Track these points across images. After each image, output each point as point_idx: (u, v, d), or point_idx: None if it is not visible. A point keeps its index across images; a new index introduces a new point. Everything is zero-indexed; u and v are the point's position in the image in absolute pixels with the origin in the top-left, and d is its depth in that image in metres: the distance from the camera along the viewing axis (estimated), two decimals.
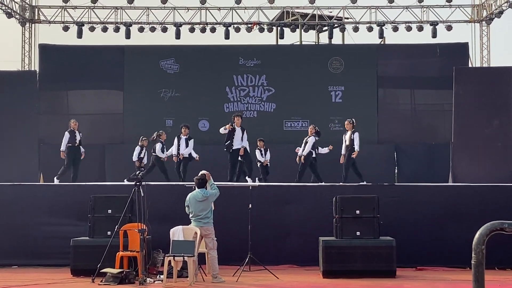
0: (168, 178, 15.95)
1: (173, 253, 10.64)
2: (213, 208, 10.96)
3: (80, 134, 16.31)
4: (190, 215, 10.87)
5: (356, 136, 15.40)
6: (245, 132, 15.25)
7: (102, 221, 11.99)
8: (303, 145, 15.96)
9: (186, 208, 10.94)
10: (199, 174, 11.11)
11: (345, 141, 15.65)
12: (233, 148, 15.10)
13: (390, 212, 12.35)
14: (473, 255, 4.01)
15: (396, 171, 20.88)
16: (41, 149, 19.49)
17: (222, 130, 15.27)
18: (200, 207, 10.76)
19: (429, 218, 12.84)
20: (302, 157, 15.68)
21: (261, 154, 16.79)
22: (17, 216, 13.18)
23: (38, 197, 13.48)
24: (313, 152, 15.95)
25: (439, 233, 12.77)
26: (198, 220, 10.78)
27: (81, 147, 16.30)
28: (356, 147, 15.27)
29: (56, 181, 15.66)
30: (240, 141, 15.12)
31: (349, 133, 15.64)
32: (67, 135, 16.12)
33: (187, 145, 15.91)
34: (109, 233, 11.38)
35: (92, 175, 18.98)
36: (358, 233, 11.80)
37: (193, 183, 11.16)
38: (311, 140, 15.84)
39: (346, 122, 15.91)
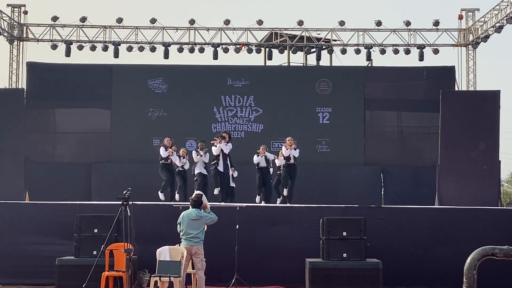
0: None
1: (159, 274, 10.59)
2: (205, 229, 10.87)
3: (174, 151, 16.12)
4: (181, 234, 10.76)
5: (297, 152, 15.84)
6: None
7: (88, 240, 11.93)
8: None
9: (178, 226, 10.84)
10: (194, 195, 11.05)
11: (290, 158, 15.75)
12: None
13: (376, 234, 12.38)
14: (464, 279, 4.01)
15: (382, 193, 20.93)
16: (27, 167, 19.39)
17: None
18: (192, 226, 10.64)
19: (415, 240, 12.87)
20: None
21: None
22: (2, 235, 13.08)
23: (23, 215, 13.38)
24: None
25: (425, 255, 12.79)
26: (189, 239, 10.64)
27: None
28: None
29: (160, 195, 15.70)
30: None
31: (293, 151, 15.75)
32: (162, 149, 16.05)
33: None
34: (95, 252, 11.31)
35: (78, 194, 18.91)
36: (344, 255, 11.80)
37: (181, 203, 11.13)
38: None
39: (289, 139, 15.91)
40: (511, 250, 4.02)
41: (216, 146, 15.61)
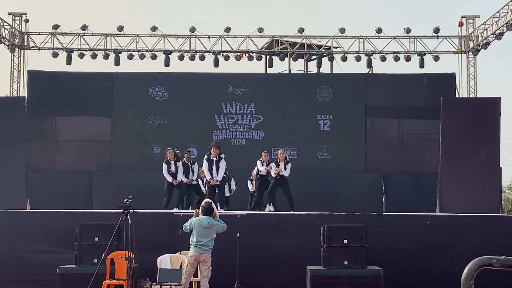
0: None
1: (160, 282, 10.59)
2: (214, 237, 10.79)
3: (178, 163, 15.82)
4: (190, 240, 10.65)
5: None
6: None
7: (89, 248, 11.94)
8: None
9: (184, 227, 10.70)
10: (205, 202, 10.95)
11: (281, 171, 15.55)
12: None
13: (377, 241, 12.37)
14: None
15: (383, 200, 20.91)
16: (28, 175, 19.39)
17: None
18: (203, 234, 10.55)
19: (416, 248, 12.86)
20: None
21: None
22: (3, 243, 13.08)
23: (24, 224, 13.39)
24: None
25: (427, 262, 12.78)
26: (199, 247, 10.54)
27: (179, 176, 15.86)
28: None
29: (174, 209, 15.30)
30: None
31: (282, 164, 15.58)
32: (164, 165, 15.86)
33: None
34: (95, 261, 11.31)
35: (79, 202, 18.92)
36: (345, 262, 11.80)
37: (182, 211, 11.10)
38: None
39: (281, 152, 15.86)
40: (508, 260, 4.03)
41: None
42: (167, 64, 21.33)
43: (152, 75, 21.23)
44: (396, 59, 21.38)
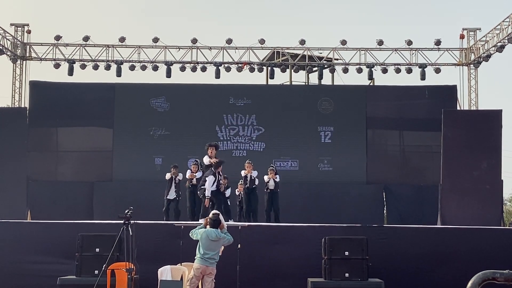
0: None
1: None
2: (222, 249, 10.67)
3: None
4: (197, 252, 10.51)
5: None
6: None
7: (90, 259, 11.93)
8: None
9: (191, 233, 10.57)
10: (212, 214, 10.82)
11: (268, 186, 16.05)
12: None
13: (379, 253, 12.33)
14: None
15: (385, 212, 20.88)
16: (29, 186, 19.39)
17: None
18: (210, 247, 10.39)
19: (418, 260, 12.83)
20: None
21: None
22: (4, 254, 13.07)
23: (25, 234, 13.39)
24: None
25: (428, 275, 12.75)
26: (205, 259, 10.33)
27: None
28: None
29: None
30: None
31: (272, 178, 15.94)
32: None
33: None
34: (96, 272, 11.30)
35: (80, 212, 18.89)
36: (346, 274, 11.78)
37: (183, 222, 11.07)
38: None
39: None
40: None
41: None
42: (168, 75, 21.34)
43: (153, 86, 21.24)
44: (398, 71, 21.40)
